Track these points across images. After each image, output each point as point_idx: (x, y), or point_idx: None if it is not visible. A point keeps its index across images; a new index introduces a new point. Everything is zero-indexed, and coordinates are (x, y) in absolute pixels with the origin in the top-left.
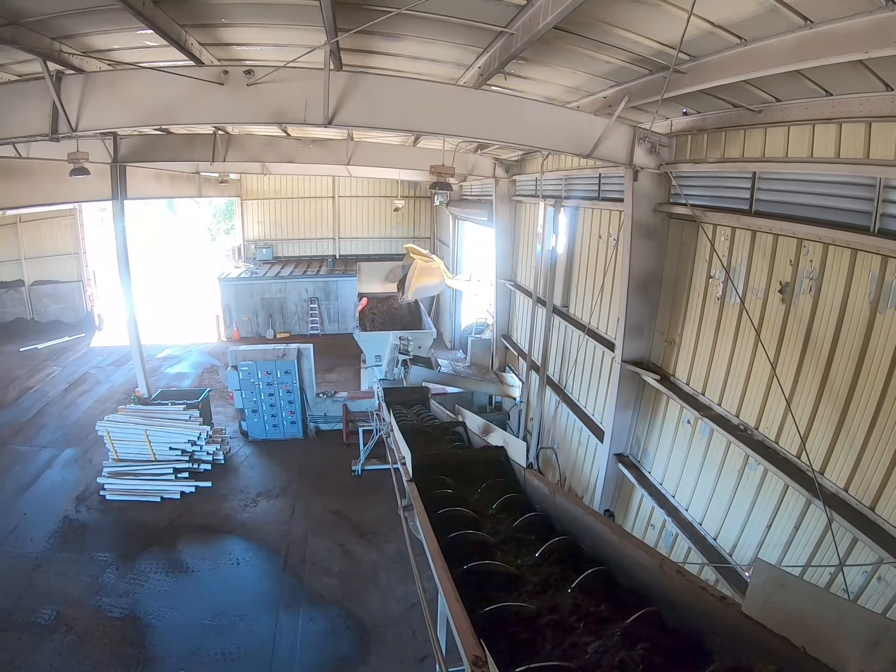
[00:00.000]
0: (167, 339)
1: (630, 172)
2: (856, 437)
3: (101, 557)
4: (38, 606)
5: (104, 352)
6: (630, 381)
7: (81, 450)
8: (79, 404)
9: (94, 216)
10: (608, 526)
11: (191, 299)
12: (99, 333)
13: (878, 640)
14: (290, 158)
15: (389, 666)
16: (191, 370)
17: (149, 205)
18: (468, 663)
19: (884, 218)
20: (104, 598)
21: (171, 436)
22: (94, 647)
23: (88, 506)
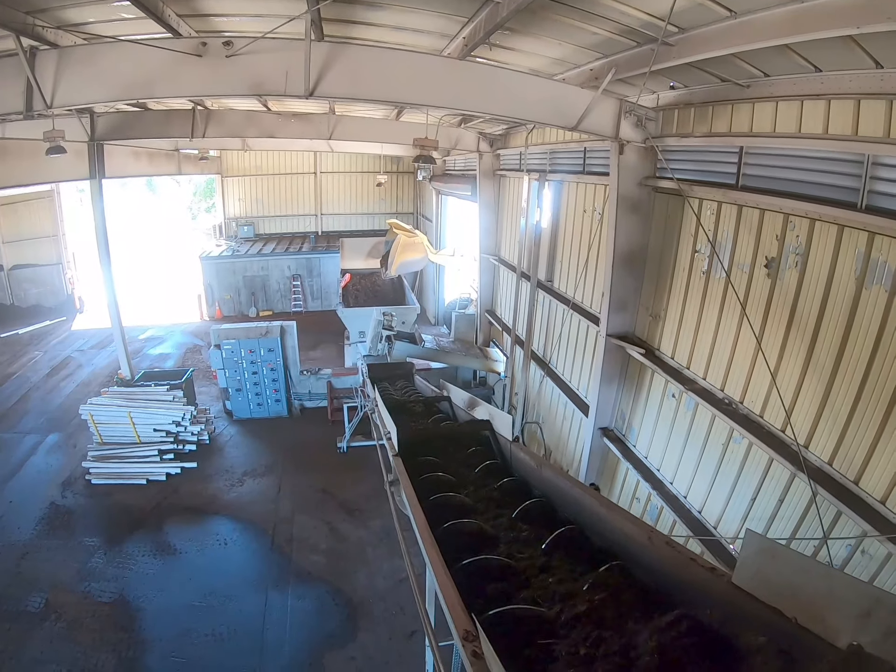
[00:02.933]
0: (149, 320)
1: (616, 146)
2: (840, 411)
3: (88, 542)
4: (27, 595)
5: (86, 335)
6: (615, 355)
7: (65, 435)
8: (61, 389)
9: (72, 197)
10: (596, 498)
11: (172, 279)
12: (80, 316)
13: (870, 610)
14: (271, 133)
15: (378, 641)
16: (174, 350)
17: (128, 185)
18: (459, 638)
19: (871, 195)
20: (93, 584)
21: (154, 417)
22: (84, 633)
23: (74, 491)
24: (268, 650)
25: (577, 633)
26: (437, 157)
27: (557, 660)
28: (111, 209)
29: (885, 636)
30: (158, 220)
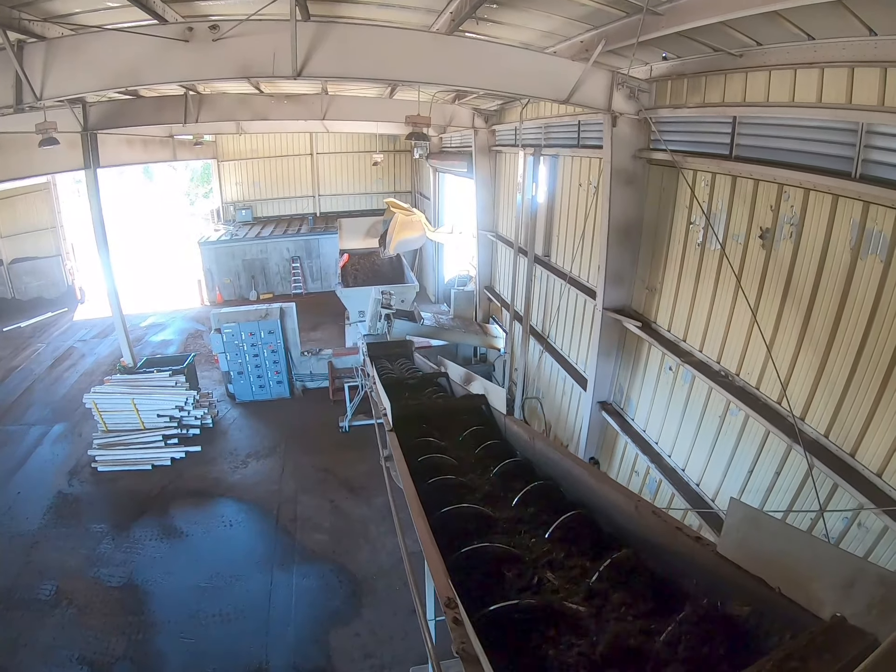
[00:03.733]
0: (150, 308)
1: (609, 118)
2: (836, 383)
3: (96, 529)
4: (38, 583)
5: (88, 325)
6: (612, 329)
7: (70, 424)
8: (65, 379)
9: (69, 189)
10: (586, 469)
11: (172, 265)
12: (81, 307)
13: (853, 581)
14: (264, 116)
15: (382, 618)
16: (175, 336)
17: (125, 173)
18: (441, 605)
19: (865, 164)
20: (102, 569)
21: (158, 403)
22: (94, 618)
23: (81, 479)
24: (274, 629)
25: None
26: (432, 135)
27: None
28: (108, 199)
29: (869, 608)
30: (156, 207)
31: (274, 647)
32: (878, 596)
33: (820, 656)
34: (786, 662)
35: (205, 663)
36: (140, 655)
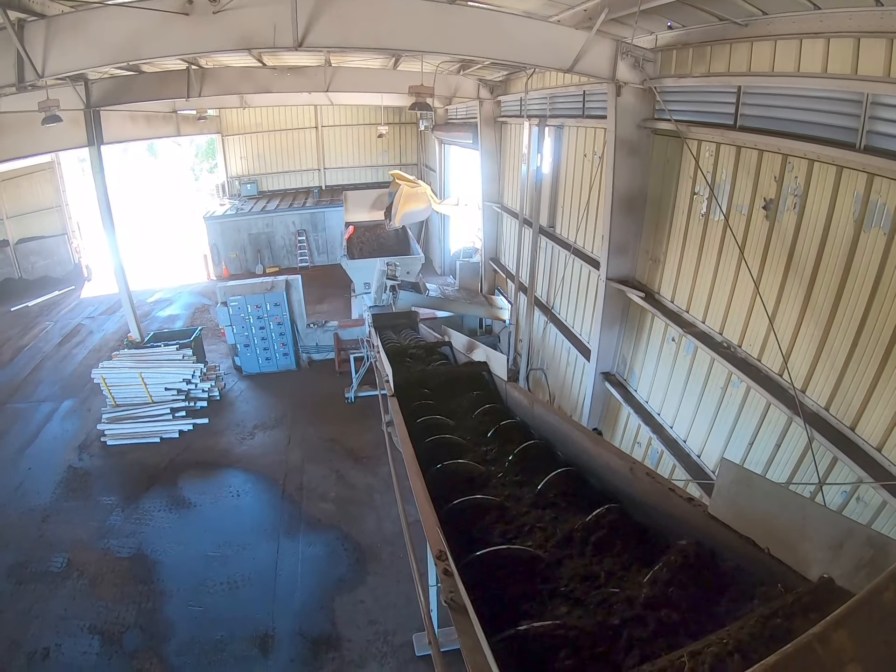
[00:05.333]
0: (157, 283)
1: (613, 87)
2: (837, 355)
3: (106, 501)
4: (50, 555)
5: (95, 302)
6: (615, 299)
7: (79, 400)
8: (74, 356)
9: (73, 167)
10: (583, 433)
11: (178, 241)
12: (88, 284)
13: (842, 542)
14: (267, 88)
15: (386, 584)
16: (182, 311)
17: (129, 150)
18: (433, 557)
19: (870, 135)
20: (112, 540)
21: (165, 376)
22: (105, 589)
23: (90, 453)
24: (280, 596)
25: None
26: (438, 107)
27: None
28: (113, 176)
29: (857, 569)
30: (161, 183)
31: (280, 614)
32: (866, 557)
33: (805, 616)
34: (770, 620)
35: (212, 630)
36: (149, 623)
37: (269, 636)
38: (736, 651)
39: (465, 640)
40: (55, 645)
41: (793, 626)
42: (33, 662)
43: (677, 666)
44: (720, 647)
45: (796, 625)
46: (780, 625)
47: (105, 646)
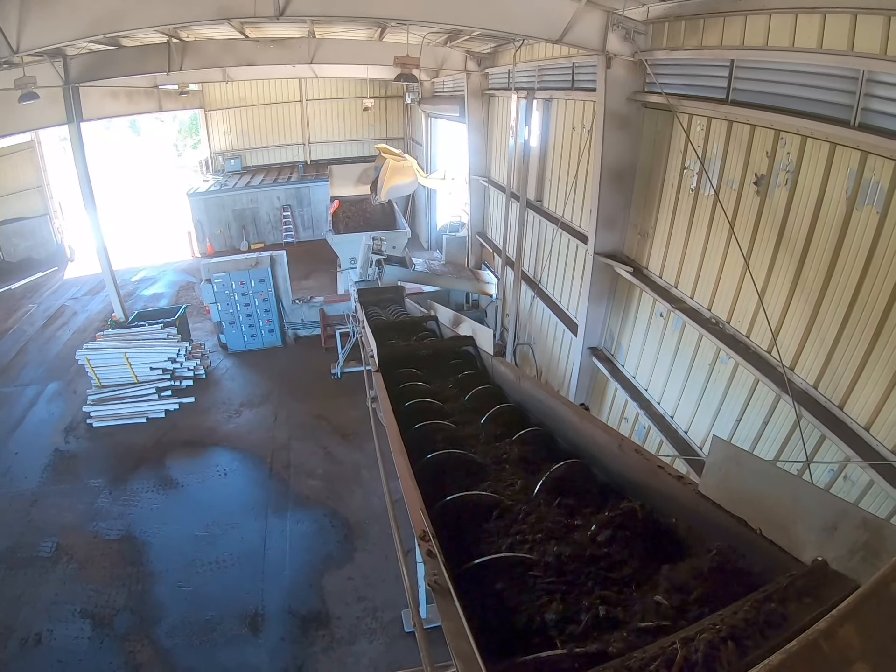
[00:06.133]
0: (141, 262)
1: (603, 59)
2: (827, 334)
3: (93, 484)
4: (39, 540)
5: (78, 282)
6: (603, 274)
7: (65, 382)
8: (58, 338)
9: (55, 147)
10: (570, 408)
11: (162, 218)
12: (71, 265)
13: (836, 524)
14: (250, 61)
15: (374, 561)
16: (166, 289)
17: (111, 128)
18: (416, 537)
19: (865, 112)
20: (100, 523)
21: (150, 356)
22: (95, 572)
23: (77, 436)
24: (269, 574)
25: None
26: (425, 79)
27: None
28: (95, 154)
29: (852, 552)
30: (144, 160)
31: (269, 593)
32: (861, 540)
33: (800, 600)
34: (764, 604)
35: (202, 610)
36: (140, 606)
37: (258, 615)
38: (729, 637)
39: (449, 624)
40: (47, 630)
41: (787, 610)
42: (26, 648)
43: (669, 653)
44: (713, 633)
45: (791, 609)
46: (774, 609)
47: (96, 629)
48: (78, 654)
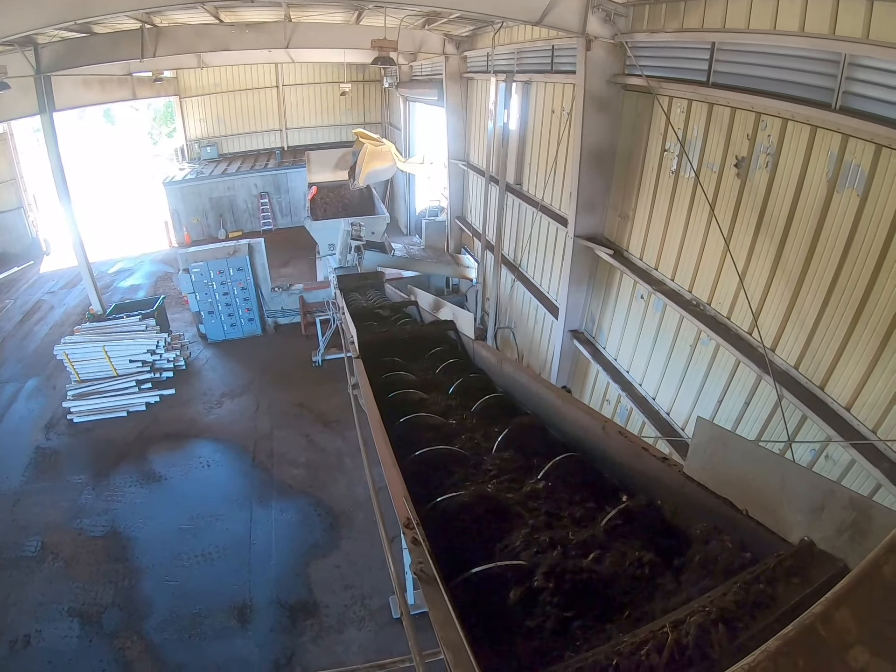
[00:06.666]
0: (118, 253)
1: (583, 42)
2: (808, 315)
3: (76, 480)
4: (23, 540)
5: (55, 276)
6: (583, 257)
7: (43, 378)
8: (35, 333)
9: (28, 139)
10: (552, 391)
11: (138, 208)
12: (47, 258)
13: (823, 504)
14: (225, 46)
15: (360, 548)
16: (144, 280)
17: (84, 118)
18: (401, 525)
19: (846, 95)
20: (84, 520)
21: (129, 348)
22: (81, 569)
23: (58, 432)
24: (256, 565)
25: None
26: (403, 63)
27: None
28: (68, 145)
29: (839, 532)
30: (119, 150)
31: (256, 584)
32: (848, 520)
33: (788, 580)
34: (753, 585)
35: (190, 604)
36: (127, 602)
37: (246, 606)
38: (720, 620)
39: (436, 613)
40: (35, 631)
41: (776, 591)
42: (15, 650)
43: (660, 637)
44: (703, 616)
45: (779, 590)
46: (763, 591)
47: (85, 628)
48: (67, 653)
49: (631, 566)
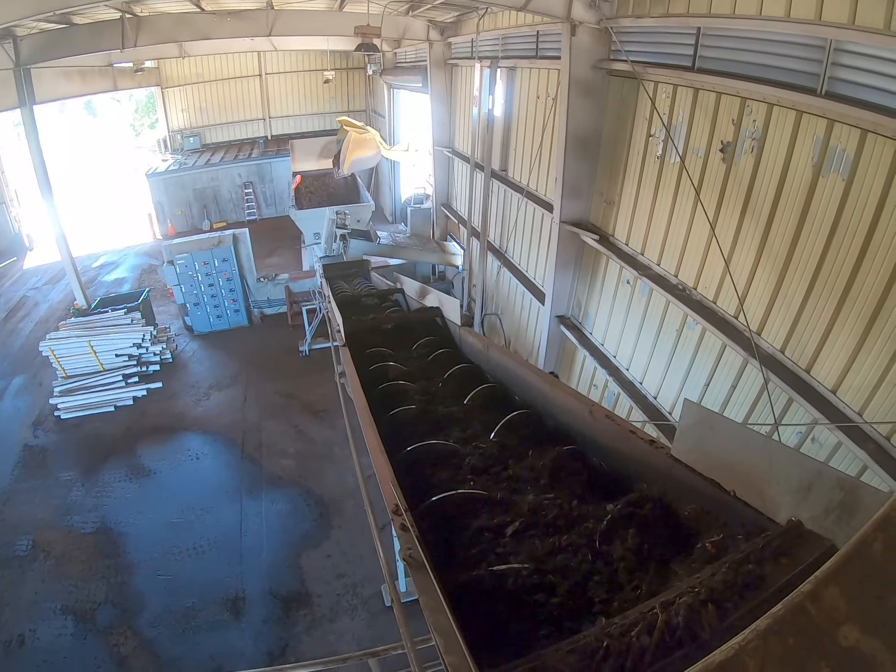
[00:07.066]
0: (101, 247)
1: (568, 27)
2: (793, 299)
3: (65, 477)
4: (14, 539)
5: (38, 271)
6: (569, 242)
7: (30, 375)
8: (20, 330)
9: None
10: (540, 376)
11: (121, 201)
12: (31, 254)
13: (810, 485)
14: (207, 35)
15: (351, 537)
16: (129, 274)
17: (65, 111)
18: (389, 512)
19: (832, 81)
20: (75, 517)
21: (115, 342)
22: (73, 567)
23: (45, 429)
24: (247, 557)
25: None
26: (387, 50)
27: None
28: (50, 138)
29: (826, 512)
30: (101, 142)
31: (249, 575)
32: (836, 500)
33: (776, 560)
34: (742, 566)
35: (183, 598)
36: (120, 598)
37: (239, 598)
38: (709, 600)
39: (426, 599)
40: (29, 630)
41: (764, 571)
42: (10, 651)
43: (650, 618)
44: (692, 596)
45: (768, 570)
46: (751, 570)
47: (79, 625)
48: (62, 651)
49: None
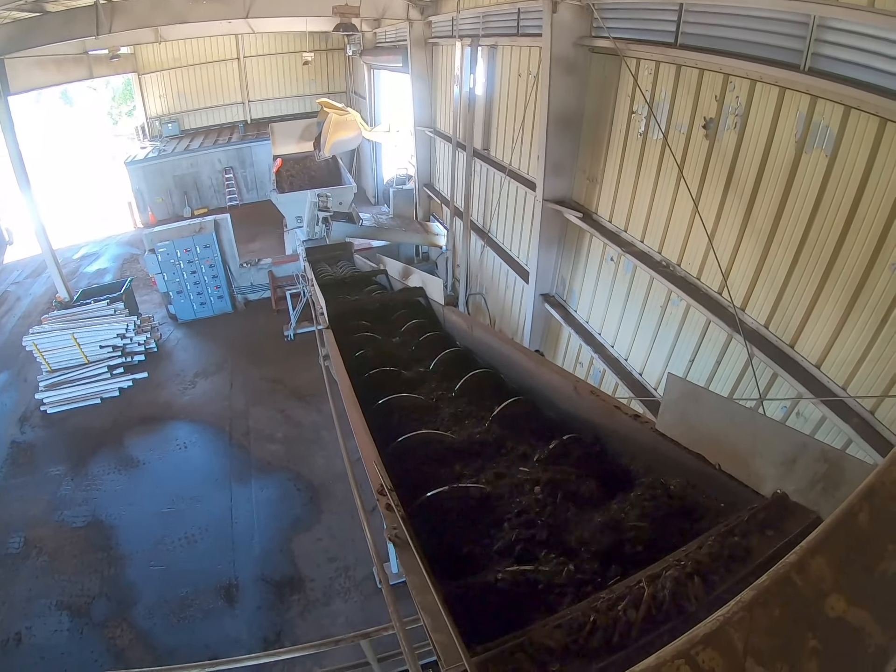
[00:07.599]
0: (82, 238)
1: (549, 4)
2: (777, 274)
3: (54, 472)
4: (6, 538)
5: (19, 266)
6: (552, 220)
7: (14, 371)
8: (3, 325)
9: None
10: (524, 353)
11: (100, 190)
12: (10, 248)
13: (795, 457)
14: (183, 18)
15: (341, 520)
16: (110, 264)
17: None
18: (374, 492)
19: (815, 57)
20: (65, 512)
21: (98, 334)
22: (66, 562)
23: (32, 425)
24: (239, 543)
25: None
26: (366, 30)
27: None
28: (27, 129)
29: (811, 484)
30: (79, 131)
31: (241, 562)
32: (820, 472)
33: (762, 532)
34: (727, 538)
35: (176, 587)
36: (114, 590)
37: (233, 585)
38: (695, 573)
39: (413, 578)
40: (26, 628)
41: (750, 543)
42: (7, 650)
43: (636, 592)
44: (679, 569)
45: (753, 542)
46: (737, 543)
47: (75, 620)
48: (59, 647)
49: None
